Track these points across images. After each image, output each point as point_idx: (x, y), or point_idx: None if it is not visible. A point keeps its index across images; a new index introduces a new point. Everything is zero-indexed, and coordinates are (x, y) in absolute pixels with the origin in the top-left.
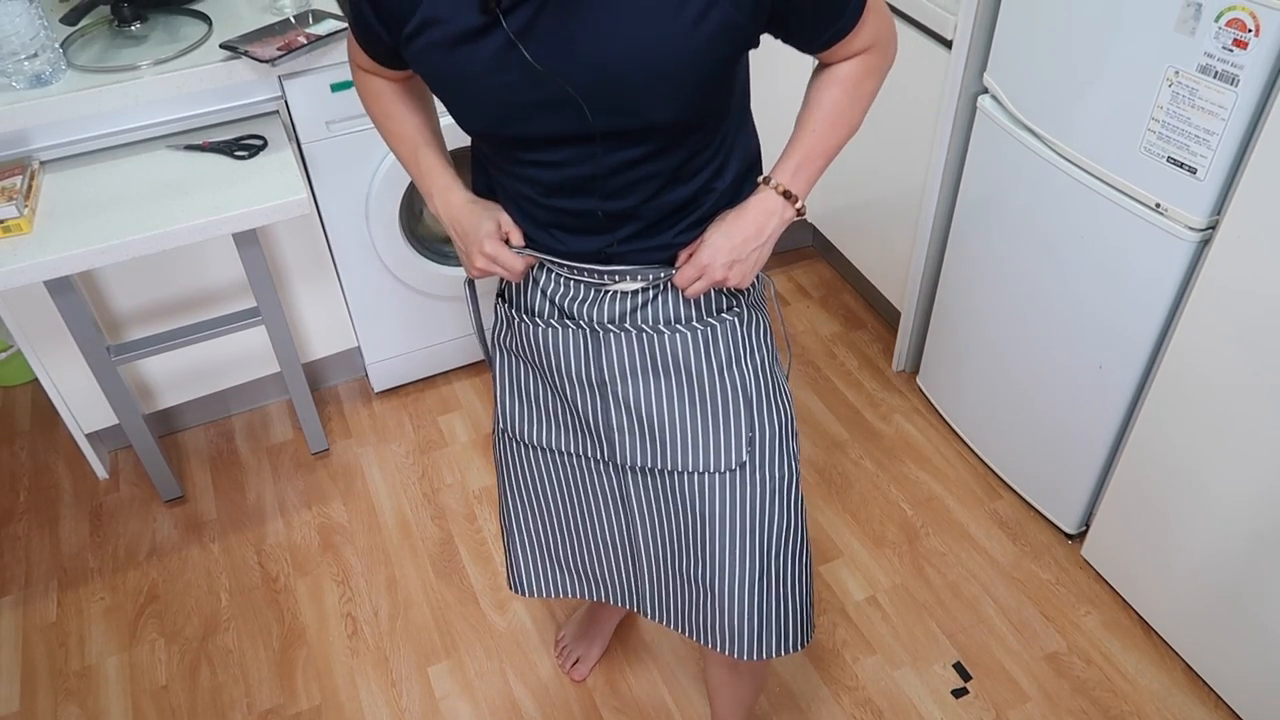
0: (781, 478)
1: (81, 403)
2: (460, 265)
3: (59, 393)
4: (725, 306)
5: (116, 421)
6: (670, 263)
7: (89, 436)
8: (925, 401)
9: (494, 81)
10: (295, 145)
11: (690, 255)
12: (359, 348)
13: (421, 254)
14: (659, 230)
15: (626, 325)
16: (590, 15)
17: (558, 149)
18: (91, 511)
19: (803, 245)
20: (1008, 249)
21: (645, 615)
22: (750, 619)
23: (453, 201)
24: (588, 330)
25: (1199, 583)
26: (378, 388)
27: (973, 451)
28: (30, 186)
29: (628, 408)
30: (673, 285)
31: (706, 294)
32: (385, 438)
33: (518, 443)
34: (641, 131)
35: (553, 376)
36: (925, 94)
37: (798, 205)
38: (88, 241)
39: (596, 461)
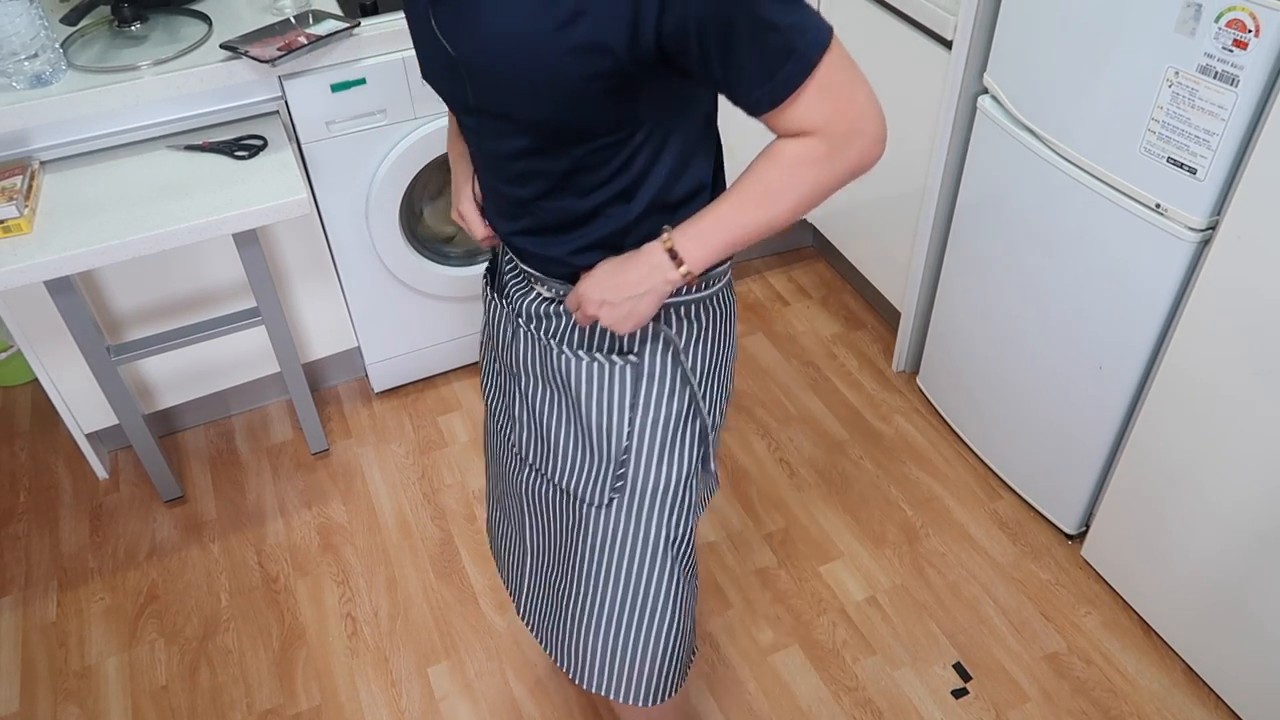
0: (651, 538)
1: (81, 403)
2: (459, 266)
3: (59, 393)
4: (619, 349)
5: (116, 422)
6: (573, 281)
7: (89, 436)
8: (925, 402)
9: (423, 40)
10: (295, 145)
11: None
12: (359, 348)
13: (421, 254)
14: (553, 238)
15: (532, 328)
16: (466, 5)
17: (464, 117)
18: (91, 512)
19: (803, 245)
20: (1008, 249)
21: (519, 614)
22: (598, 655)
23: (456, 176)
24: (513, 317)
25: (1199, 583)
26: (378, 388)
27: (973, 452)
28: (30, 186)
29: (529, 404)
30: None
31: (601, 330)
32: (385, 438)
33: (485, 402)
34: (515, 122)
35: (495, 345)
36: (925, 94)
37: (682, 270)
38: (88, 241)
39: (509, 444)
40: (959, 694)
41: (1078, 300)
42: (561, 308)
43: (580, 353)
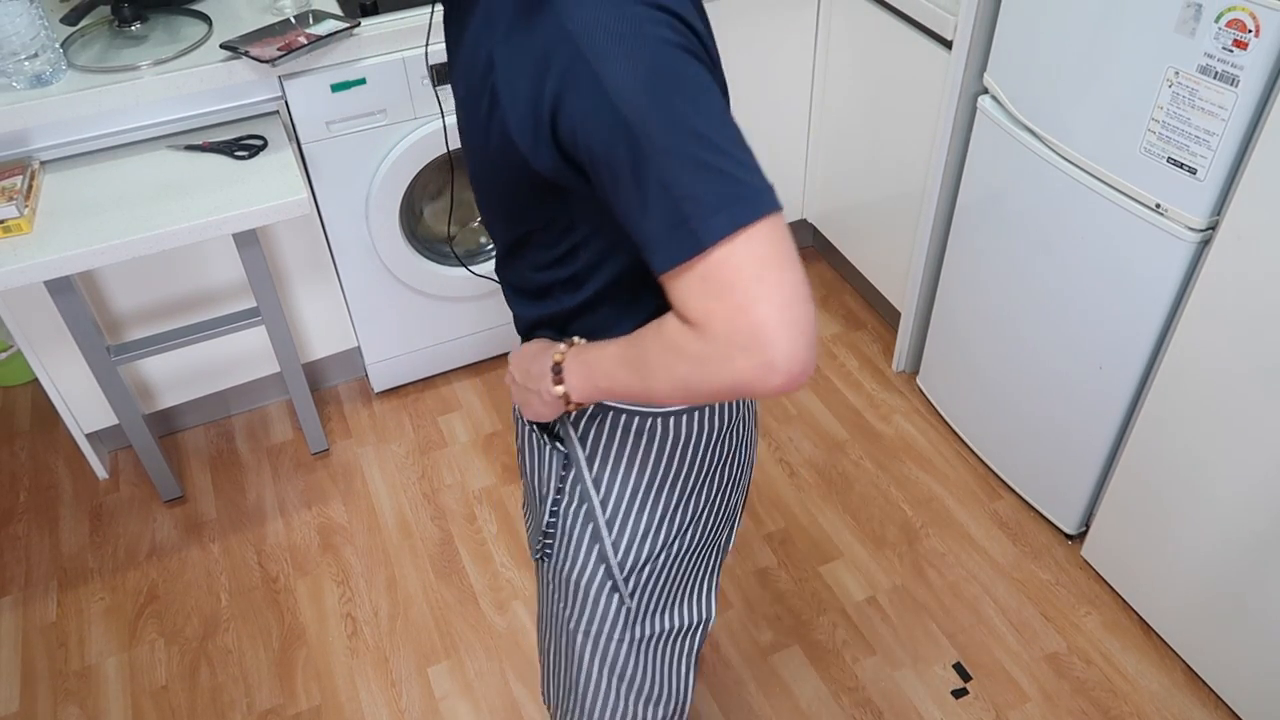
0: (567, 617)
1: (81, 403)
2: (459, 266)
3: (59, 393)
4: (551, 432)
5: (116, 422)
6: None
7: (89, 436)
8: (925, 402)
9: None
10: (295, 145)
11: None
12: (359, 348)
13: (422, 254)
14: (514, 298)
15: None
16: (452, 45)
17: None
18: (91, 512)
19: (803, 246)
20: (1008, 249)
21: None
22: (552, 690)
23: None
24: None
25: (1199, 583)
26: (378, 388)
27: (973, 452)
28: (30, 186)
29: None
30: None
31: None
32: (385, 438)
33: None
34: (477, 179)
35: None
36: (925, 94)
37: (558, 391)
38: (88, 241)
39: None
40: (959, 694)
41: (1078, 300)
42: None
43: (529, 422)
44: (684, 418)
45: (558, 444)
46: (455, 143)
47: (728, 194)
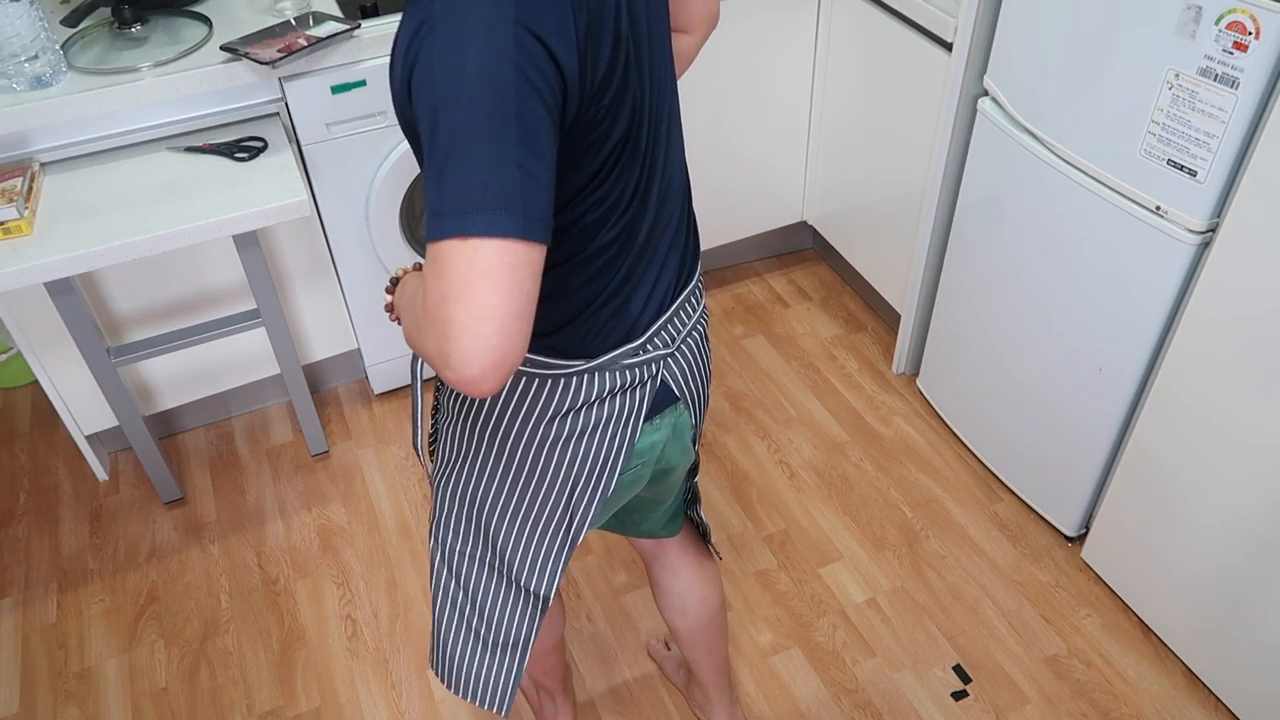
0: (432, 500)
1: (81, 404)
2: None
3: (59, 394)
4: None
5: (116, 423)
6: None
7: (89, 438)
8: (925, 404)
9: None
10: (295, 147)
11: None
12: (359, 349)
13: (422, 255)
14: None
15: None
16: None
17: None
18: (91, 513)
19: (803, 248)
20: (1008, 252)
21: None
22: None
23: None
24: None
25: (1199, 585)
26: (378, 389)
27: (973, 454)
28: (31, 188)
29: None
30: None
31: None
32: (385, 439)
33: None
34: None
35: None
36: (925, 96)
37: (387, 299)
38: (88, 243)
39: None
40: (959, 696)
41: (1078, 302)
42: None
43: None
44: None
45: None
46: None
47: (479, 204)
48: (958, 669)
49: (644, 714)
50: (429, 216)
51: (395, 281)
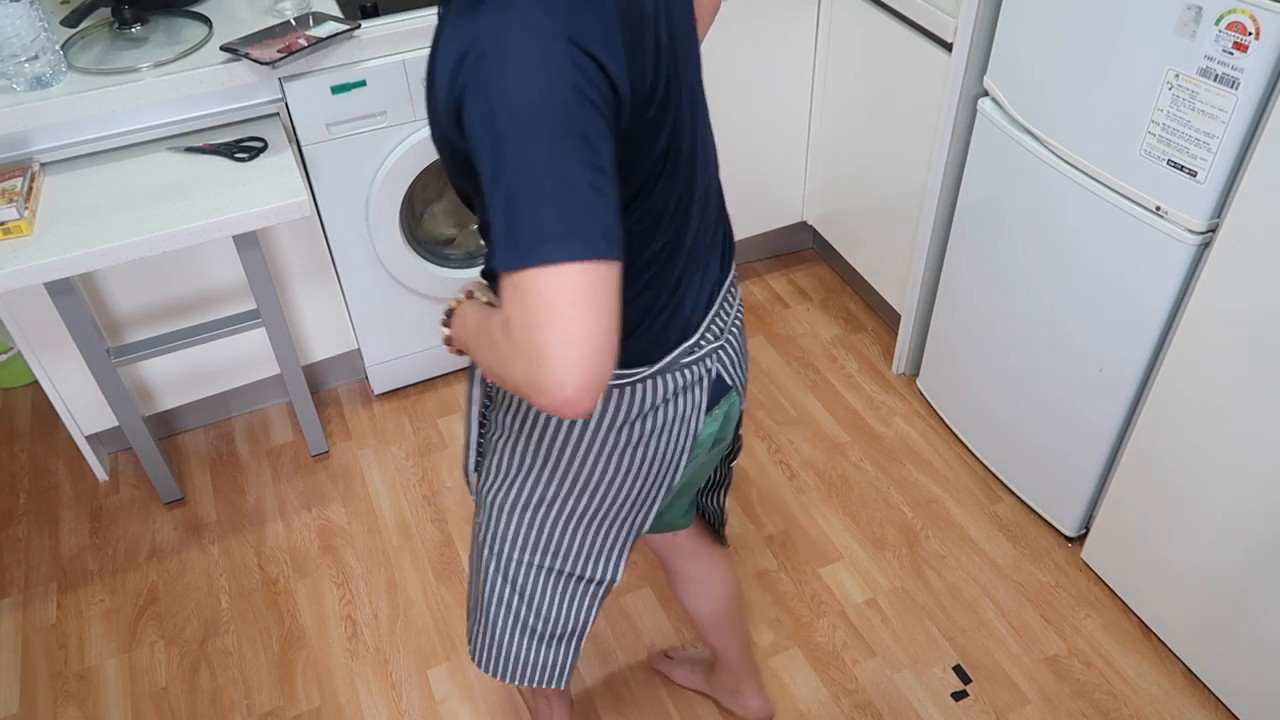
0: (477, 522)
1: (81, 405)
2: (459, 268)
3: (59, 395)
4: None
5: (116, 423)
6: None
7: (89, 438)
8: (925, 404)
9: None
10: (295, 147)
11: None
12: (359, 350)
13: (422, 256)
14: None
15: None
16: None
17: None
18: (91, 513)
19: (803, 248)
20: (1008, 252)
21: None
22: (470, 605)
23: None
24: None
25: (1199, 585)
26: (378, 390)
27: (973, 454)
28: (31, 188)
29: None
30: None
31: None
32: (385, 440)
33: None
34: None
35: None
36: (925, 96)
37: (445, 333)
38: (88, 243)
39: None
40: (959, 696)
41: (1078, 303)
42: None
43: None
44: (572, 425)
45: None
46: None
47: (558, 229)
48: (958, 669)
49: (644, 714)
50: (501, 248)
51: (450, 313)
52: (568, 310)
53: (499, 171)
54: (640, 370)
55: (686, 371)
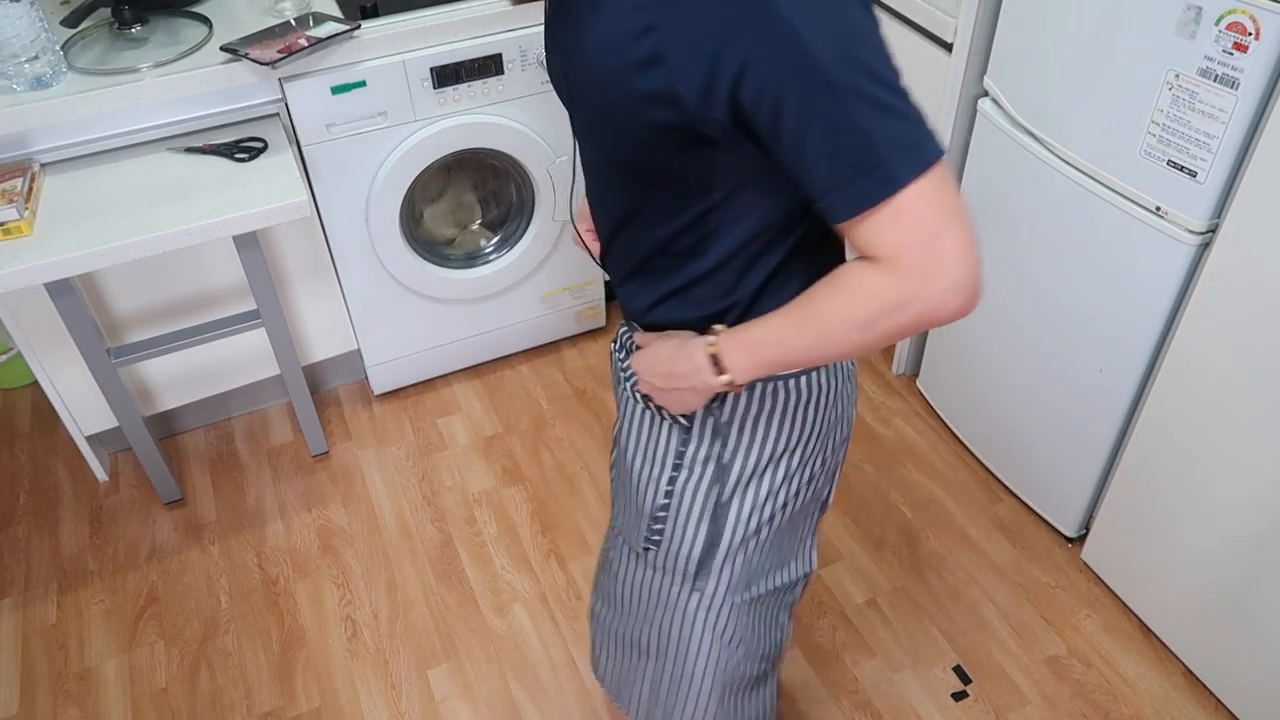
0: (675, 597)
1: (81, 405)
2: (459, 269)
3: (59, 395)
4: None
5: (116, 424)
6: (645, 327)
7: (89, 439)
8: (925, 405)
9: (547, 42)
10: (296, 148)
11: (639, 349)
12: (359, 350)
13: (422, 256)
14: (629, 279)
15: (620, 359)
16: (573, 20)
17: (572, 122)
18: (91, 514)
19: None
20: (1008, 252)
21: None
22: (632, 696)
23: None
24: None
25: (1199, 586)
26: (378, 390)
27: (973, 455)
28: (31, 189)
29: (615, 434)
30: None
31: None
32: (385, 440)
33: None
34: (595, 146)
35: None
36: (925, 96)
37: (723, 380)
38: (88, 244)
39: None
40: (959, 697)
41: (1078, 303)
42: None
43: (640, 396)
44: (808, 377)
45: (680, 419)
46: (460, 145)
47: (913, 137)
48: (958, 670)
49: None
50: (858, 182)
51: (629, 375)
52: (950, 206)
53: (834, 111)
54: None
55: None
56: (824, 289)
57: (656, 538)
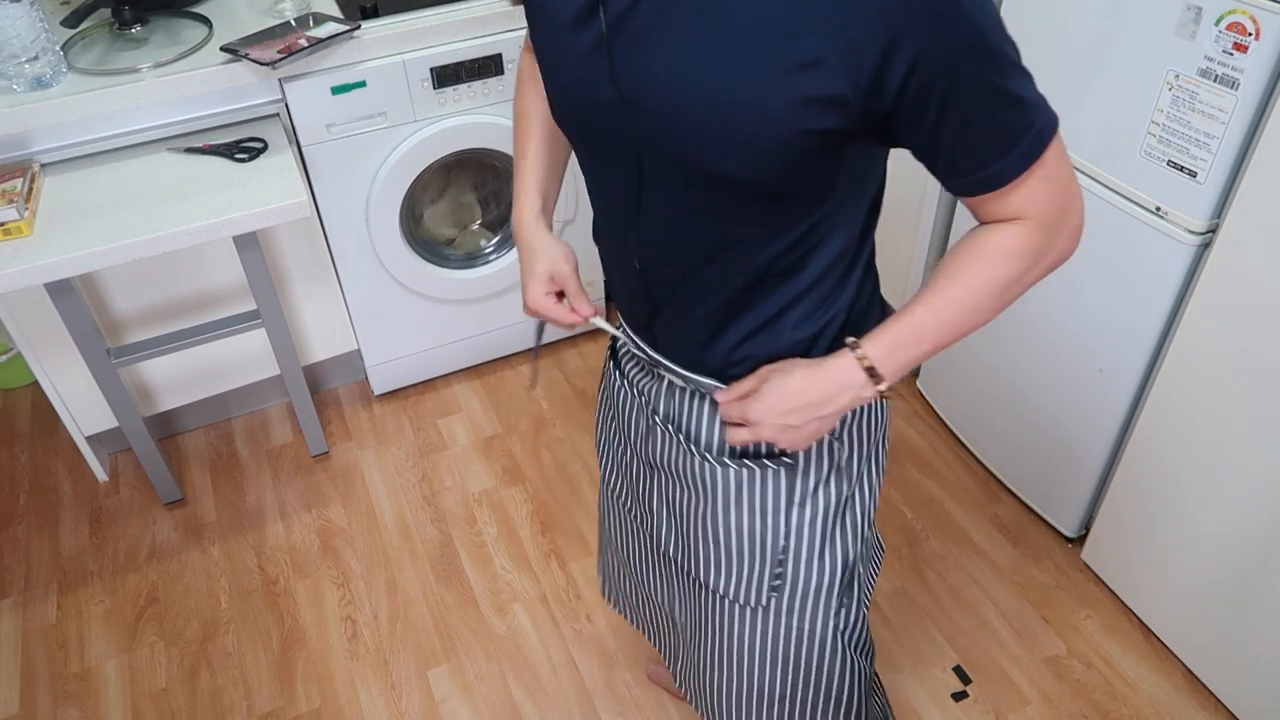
0: (819, 632)
1: (81, 405)
2: (459, 269)
3: (59, 395)
4: (770, 451)
5: (116, 424)
6: (717, 378)
7: (89, 439)
8: (925, 405)
9: (577, 77)
10: (296, 148)
11: (741, 397)
12: (359, 350)
13: (422, 257)
14: (706, 320)
15: (672, 429)
16: (686, 23)
17: (612, 163)
18: (91, 514)
19: None
20: None
21: (675, 681)
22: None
23: (521, 223)
24: (646, 411)
25: (1199, 586)
26: (378, 390)
27: (973, 455)
28: (31, 189)
29: (669, 502)
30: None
31: None
32: (385, 440)
33: (604, 481)
34: (691, 174)
35: (625, 432)
36: None
37: (881, 387)
38: (88, 244)
39: (646, 534)
40: (959, 697)
41: (1078, 303)
42: (699, 404)
43: (727, 460)
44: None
45: (784, 458)
46: (460, 145)
47: (1041, 96)
48: (958, 670)
49: (644, 714)
50: (1019, 147)
51: (720, 417)
52: (1066, 155)
53: (1003, 82)
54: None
55: None
56: (964, 261)
57: (778, 582)
